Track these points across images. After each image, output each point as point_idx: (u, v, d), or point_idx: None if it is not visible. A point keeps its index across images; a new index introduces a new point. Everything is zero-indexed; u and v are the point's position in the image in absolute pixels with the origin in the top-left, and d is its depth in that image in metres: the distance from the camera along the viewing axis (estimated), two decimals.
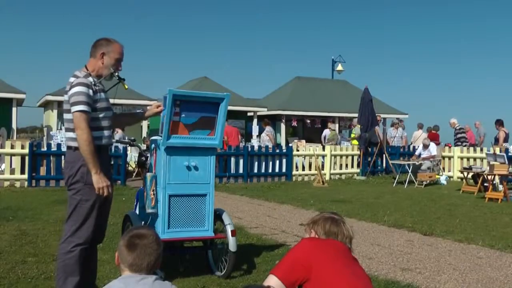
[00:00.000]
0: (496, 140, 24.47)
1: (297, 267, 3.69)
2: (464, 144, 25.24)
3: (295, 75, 41.59)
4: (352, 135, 27.13)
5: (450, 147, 25.64)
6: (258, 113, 34.21)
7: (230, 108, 30.24)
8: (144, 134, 29.45)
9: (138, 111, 8.49)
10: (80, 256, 5.73)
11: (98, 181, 5.57)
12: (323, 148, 23.84)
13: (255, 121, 33.33)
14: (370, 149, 24.62)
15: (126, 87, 6.31)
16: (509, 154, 19.73)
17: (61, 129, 23.80)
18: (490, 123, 26.72)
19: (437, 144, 25.01)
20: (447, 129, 27.10)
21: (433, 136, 27.24)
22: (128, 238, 3.53)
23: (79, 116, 5.57)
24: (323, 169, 22.91)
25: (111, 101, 6.20)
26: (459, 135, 25.91)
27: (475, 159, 22.73)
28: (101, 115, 5.82)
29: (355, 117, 29.20)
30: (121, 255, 3.51)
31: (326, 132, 26.84)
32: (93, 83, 5.80)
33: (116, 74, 6.07)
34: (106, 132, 5.91)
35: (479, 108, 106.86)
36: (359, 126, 26.95)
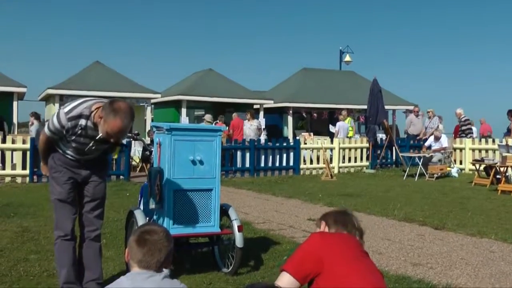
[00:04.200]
0: (509, 131, 24.36)
1: (308, 261, 3.69)
2: (469, 136, 25.02)
3: (302, 67, 41.56)
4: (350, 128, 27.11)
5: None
6: (265, 106, 34.15)
7: (235, 100, 30.26)
8: (148, 128, 29.49)
9: (142, 104, 8.41)
10: (62, 247, 5.98)
11: (42, 169, 6.51)
12: (332, 141, 23.78)
13: (261, 113, 33.27)
14: (379, 142, 24.59)
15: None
16: None
17: None
18: (502, 113, 26.71)
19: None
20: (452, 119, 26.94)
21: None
22: (139, 234, 3.57)
23: (44, 131, 5.95)
24: (331, 163, 22.87)
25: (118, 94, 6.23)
26: (464, 127, 25.69)
27: (487, 150, 22.64)
28: (67, 148, 5.95)
29: (364, 109, 29.16)
30: (131, 251, 3.55)
31: (339, 125, 26.69)
32: (78, 127, 5.66)
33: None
34: (74, 156, 6.01)
35: (490, 99, 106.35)
36: (350, 117, 26.91)
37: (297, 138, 24.87)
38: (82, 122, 5.66)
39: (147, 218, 7.04)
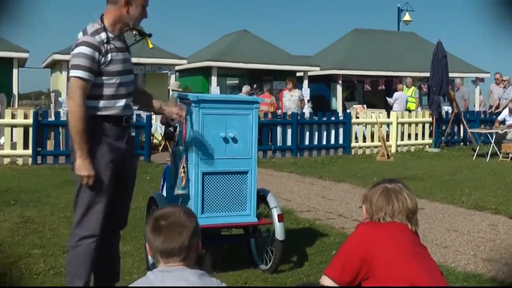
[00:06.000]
0: None
1: (353, 263, 3.67)
2: None
3: (353, 27, 41.40)
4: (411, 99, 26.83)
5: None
6: (309, 73, 33.98)
7: (275, 67, 30.20)
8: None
9: (164, 71, 8.29)
10: (88, 252, 5.51)
11: (80, 167, 5.38)
12: (388, 115, 23.60)
13: (305, 82, 33.10)
14: (444, 116, 24.37)
15: (151, 45, 5.95)
16: None
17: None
18: None
19: None
20: None
21: None
22: (153, 221, 3.54)
23: (75, 83, 5.48)
24: (388, 140, 22.77)
25: (135, 60, 5.94)
26: None
27: None
28: (112, 81, 5.60)
29: (426, 77, 28.90)
30: (150, 243, 3.53)
31: (397, 95, 26.45)
32: (104, 40, 5.53)
33: (137, 29, 5.78)
34: (120, 101, 5.66)
35: None
36: (415, 87, 26.62)
37: (348, 111, 24.75)
38: (102, 35, 5.56)
39: None
